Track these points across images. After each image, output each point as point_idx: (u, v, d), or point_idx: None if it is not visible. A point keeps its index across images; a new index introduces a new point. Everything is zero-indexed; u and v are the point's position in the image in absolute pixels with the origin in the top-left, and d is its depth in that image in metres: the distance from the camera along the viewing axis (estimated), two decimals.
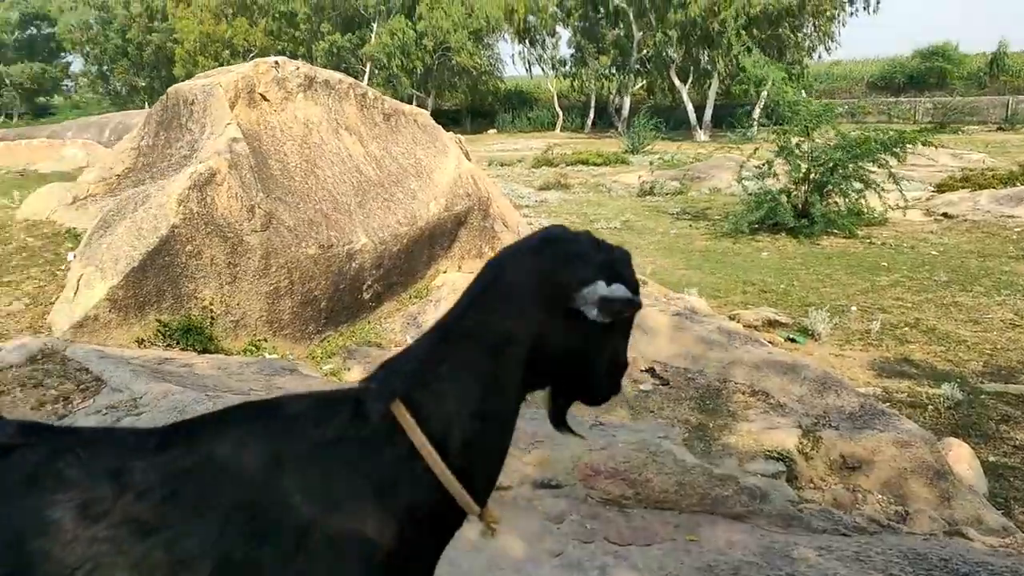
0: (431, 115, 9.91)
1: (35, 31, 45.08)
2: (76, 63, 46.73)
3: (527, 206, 16.43)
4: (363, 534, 1.18)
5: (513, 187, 18.55)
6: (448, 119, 40.74)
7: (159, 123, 8.63)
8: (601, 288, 1.31)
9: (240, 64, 8.38)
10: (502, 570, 2.91)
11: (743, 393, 6.20)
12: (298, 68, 8.53)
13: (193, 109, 8.11)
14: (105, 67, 43.32)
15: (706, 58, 35.87)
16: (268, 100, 8.13)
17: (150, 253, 6.20)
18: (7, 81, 40.13)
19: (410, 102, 39.34)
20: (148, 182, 7.63)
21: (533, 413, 4.61)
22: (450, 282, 9.12)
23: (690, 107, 35.50)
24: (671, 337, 7.07)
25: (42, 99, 42.24)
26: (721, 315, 8.43)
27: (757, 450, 5.31)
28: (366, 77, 39.32)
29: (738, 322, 8.24)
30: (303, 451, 1.20)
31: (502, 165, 24.56)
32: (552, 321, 1.31)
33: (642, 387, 6.48)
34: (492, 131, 40.94)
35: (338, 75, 9.13)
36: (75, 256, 6.87)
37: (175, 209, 6.39)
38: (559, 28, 40.76)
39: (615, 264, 1.39)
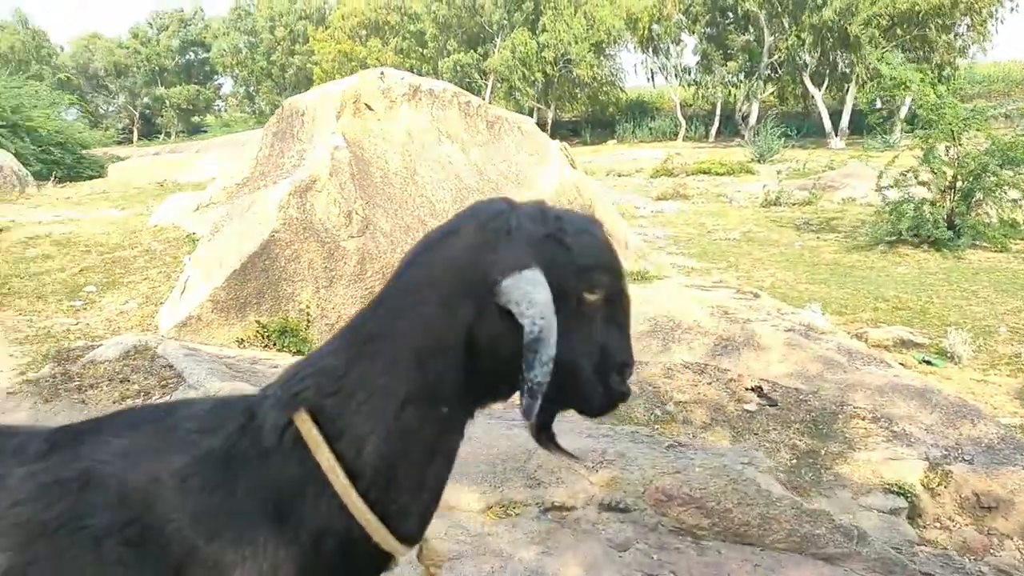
0: (550, 126, 9.83)
1: (193, 56, 49.66)
2: (226, 84, 51.01)
3: (642, 216, 15.96)
4: (256, 568, 0.99)
5: (628, 197, 18.10)
6: (568, 130, 40.71)
7: (275, 134, 9.01)
8: (520, 283, 1.04)
9: (350, 76, 8.60)
10: None
11: (862, 419, 5.57)
12: (403, 78, 8.65)
13: (304, 120, 8.40)
14: (251, 88, 46.78)
15: (844, 62, 33.76)
16: (372, 109, 8.28)
17: (251, 256, 6.41)
18: (167, 102, 44.38)
19: (530, 114, 39.73)
20: (259, 190, 7.94)
21: (607, 429, 4.30)
22: None
23: (824, 113, 33.47)
24: (783, 354, 6.51)
25: (196, 118, 46.28)
26: (845, 333, 7.68)
27: (875, 483, 4.74)
28: (488, 91, 40.08)
29: (865, 341, 7.50)
30: (188, 465, 1.02)
31: (619, 175, 24.11)
32: (487, 315, 1.06)
33: (747, 407, 5.98)
34: (612, 141, 40.51)
35: (442, 84, 9.19)
36: (189, 259, 7.23)
37: (276, 215, 6.58)
38: (684, 36, 39.78)
39: (564, 238, 1.11)
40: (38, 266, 7.32)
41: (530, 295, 1.04)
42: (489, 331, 1.07)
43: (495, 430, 3.99)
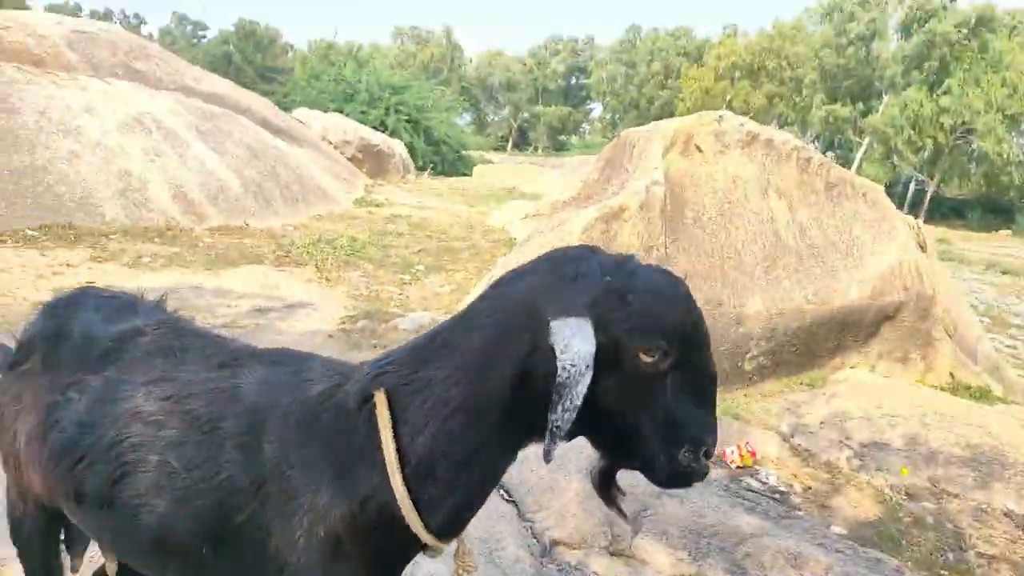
0: (928, 201, 8.80)
1: (574, 81, 54.32)
2: (596, 110, 54.73)
3: (1017, 326, 13.29)
4: (313, 503, 1.20)
5: (1007, 301, 15.29)
6: (949, 209, 35.58)
7: (607, 161, 9.50)
8: (564, 328, 1.07)
9: (689, 116, 8.69)
10: None
11: None
12: (742, 124, 8.46)
13: (633, 152, 8.71)
14: (618, 116, 49.53)
15: None
16: (701, 151, 8.25)
17: None
18: (541, 119, 49.25)
19: (907, 184, 35.42)
20: (575, 210, 8.44)
21: (847, 546, 3.75)
22: (856, 380, 7.99)
23: None
24: None
25: (563, 137, 50.55)
26: None
27: None
28: (861, 150, 36.89)
29: None
30: (294, 403, 1.27)
31: (1003, 272, 20.38)
32: (539, 352, 1.11)
33: None
34: (1006, 231, 34.20)
35: (783, 135, 8.78)
36: (502, 260, 7.99)
37: (577, 235, 6.96)
38: None
39: (627, 294, 1.10)
40: (390, 240, 8.76)
41: (568, 341, 1.07)
42: (538, 367, 1.11)
43: (712, 500, 3.77)
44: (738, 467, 6.21)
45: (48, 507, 1.57)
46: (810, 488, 6.01)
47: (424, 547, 1.26)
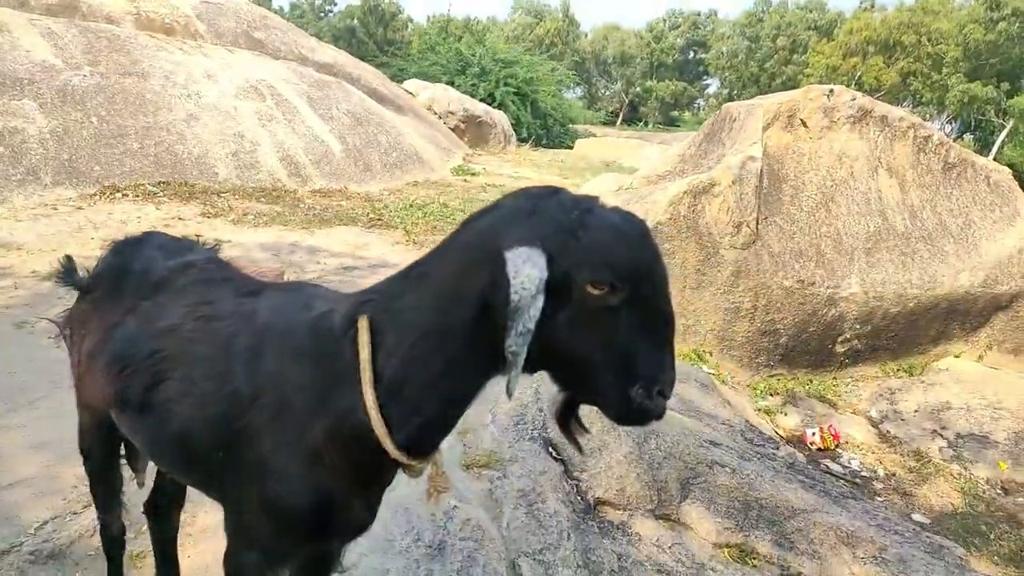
0: None
1: (691, 55, 52.49)
2: (712, 85, 52.72)
3: None
4: (300, 416, 1.33)
5: None
6: None
7: (706, 135, 9.20)
8: (516, 257, 1.10)
9: (794, 90, 8.28)
10: None
11: None
12: (854, 99, 7.98)
13: (733, 126, 8.39)
14: (735, 92, 47.53)
15: None
16: (807, 127, 7.86)
17: None
18: (654, 95, 47.96)
19: None
20: (667, 184, 8.26)
21: (900, 521, 3.56)
22: (959, 370, 7.50)
23: None
24: None
25: (675, 113, 49.06)
26: None
27: None
28: (1003, 133, 33.81)
29: None
30: (293, 323, 1.39)
31: None
32: (498, 284, 1.14)
33: None
34: None
35: (900, 112, 8.21)
36: None
37: (664, 208, 6.82)
38: None
39: (578, 229, 1.12)
40: (480, 208, 8.84)
41: (519, 267, 1.10)
42: (498, 299, 1.14)
43: (767, 474, 3.67)
44: (818, 449, 5.99)
45: (104, 419, 1.77)
46: (894, 475, 5.71)
47: (401, 467, 1.34)
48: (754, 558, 3.23)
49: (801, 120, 7.89)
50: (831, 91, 8.04)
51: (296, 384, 1.33)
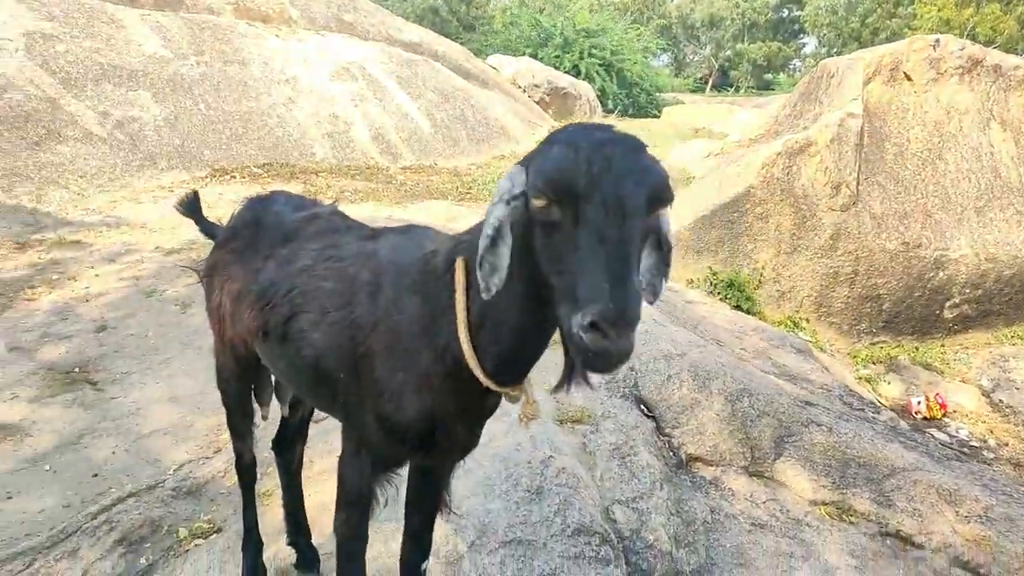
0: None
1: (786, 13, 49.90)
2: (809, 44, 50.08)
3: None
4: (410, 344, 1.49)
5: None
6: None
7: (801, 95, 8.86)
8: (502, 178, 1.21)
9: (896, 43, 7.85)
10: None
11: None
12: (962, 48, 7.51)
13: (831, 83, 8.05)
14: (835, 50, 44.97)
15: None
16: (911, 80, 7.46)
17: (721, 207, 6.68)
18: (746, 57, 45.97)
19: None
20: (760, 147, 8.03)
21: (1009, 482, 3.42)
22: None
23: None
24: None
25: (769, 75, 46.85)
26: None
27: None
28: None
29: None
30: (409, 262, 1.55)
31: None
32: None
33: None
34: None
35: (1015, 60, 7.65)
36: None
37: (757, 171, 6.66)
38: None
39: (544, 146, 1.19)
40: None
41: (500, 184, 1.21)
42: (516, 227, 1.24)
43: (866, 433, 3.60)
44: (924, 418, 5.78)
45: (241, 355, 1.98)
46: (1006, 445, 5.44)
47: (496, 393, 1.47)
48: (851, 515, 3.21)
49: (904, 73, 7.49)
50: (937, 41, 7.59)
51: (407, 316, 1.48)
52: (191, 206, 2.35)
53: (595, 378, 1.31)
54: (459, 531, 2.50)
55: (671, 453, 3.41)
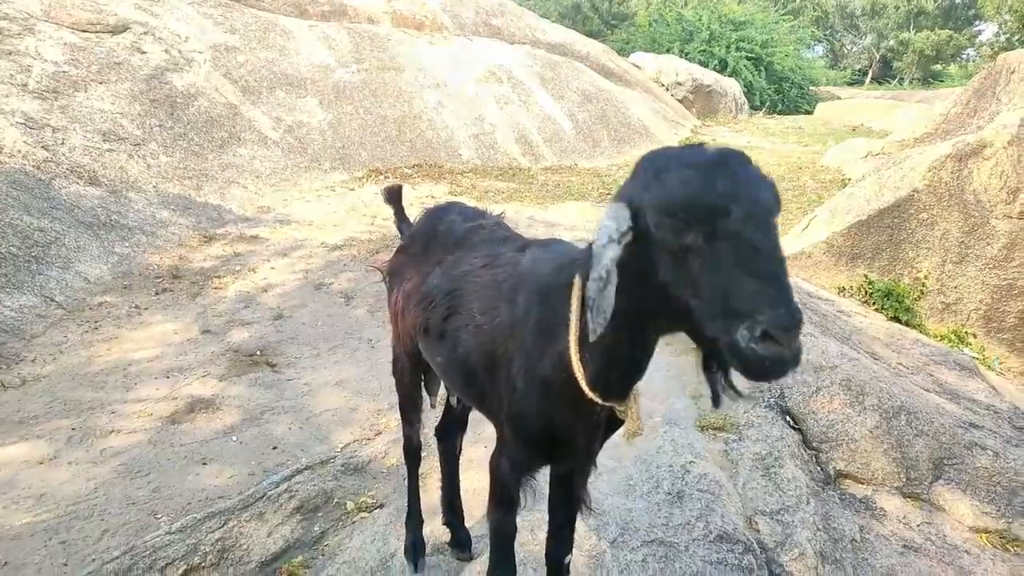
0: None
1: None
2: (986, 32, 45.46)
3: None
4: (534, 350, 1.62)
5: None
6: None
7: (975, 91, 8.19)
8: (604, 214, 1.24)
9: None
10: None
11: None
12: None
13: (1011, 79, 7.40)
14: (1017, 39, 40.58)
15: None
16: None
17: (881, 211, 6.32)
18: (911, 47, 42.37)
19: None
20: (927, 148, 7.50)
21: None
22: None
23: None
24: None
25: (938, 67, 43.03)
26: None
27: None
28: None
29: None
30: (546, 273, 1.67)
31: None
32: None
33: None
34: None
35: None
36: (830, 203, 7.51)
37: (923, 174, 6.24)
38: None
39: (661, 174, 1.20)
40: None
41: (602, 223, 1.22)
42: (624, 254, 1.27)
43: None
44: None
45: (413, 350, 2.20)
46: None
47: (610, 408, 1.56)
48: (1017, 545, 3.01)
49: None
50: None
51: (536, 324, 1.61)
52: (394, 197, 2.58)
53: (745, 389, 1.35)
54: (601, 528, 2.60)
55: (818, 468, 3.33)
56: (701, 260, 1.13)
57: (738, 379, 1.25)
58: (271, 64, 9.11)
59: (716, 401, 1.33)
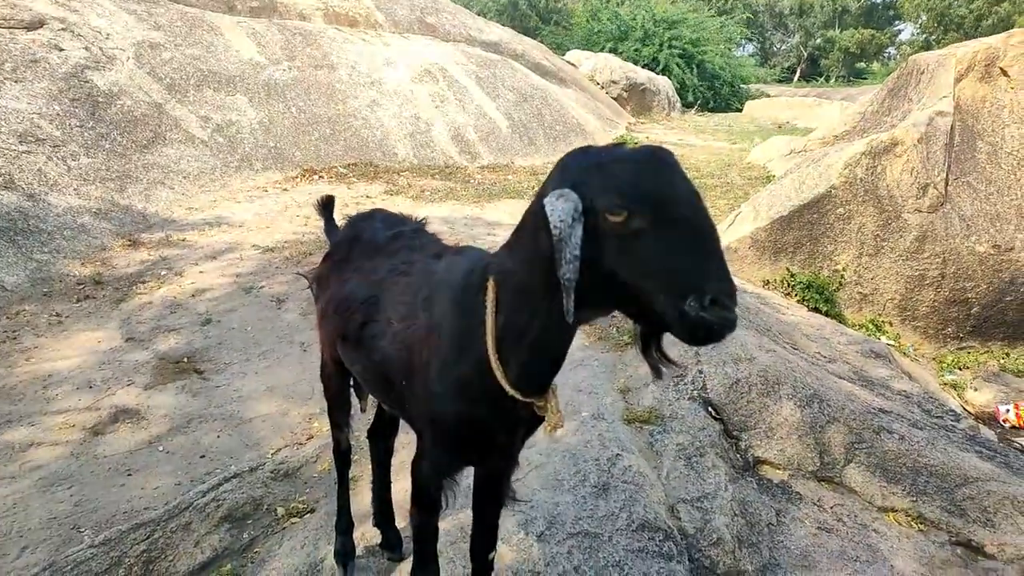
0: None
1: None
2: (906, 31, 47.61)
3: None
4: (453, 355, 1.65)
5: None
6: None
7: (889, 91, 8.60)
8: (551, 199, 1.29)
9: (994, 36, 7.52)
10: None
11: None
12: None
13: (921, 79, 7.79)
14: (933, 38, 42.65)
15: None
16: (1008, 76, 7.14)
17: (801, 207, 6.59)
18: (836, 45, 44.05)
19: None
20: (844, 145, 7.84)
21: None
22: None
23: None
24: None
25: (861, 64, 44.82)
26: None
27: None
28: None
29: None
30: (457, 278, 1.71)
31: None
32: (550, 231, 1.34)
33: None
34: None
35: None
36: (755, 198, 7.76)
37: (840, 171, 6.54)
38: None
39: (603, 166, 1.30)
40: None
41: (554, 206, 1.28)
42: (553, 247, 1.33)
43: (940, 443, 3.57)
44: (1012, 427, 5.58)
45: (336, 354, 2.22)
46: None
47: (522, 403, 1.61)
48: (921, 523, 3.21)
49: (1001, 69, 7.18)
50: None
51: (451, 329, 1.65)
52: (326, 207, 2.64)
53: (679, 359, 1.51)
54: (529, 522, 2.68)
55: (738, 456, 3.48)
56: (648, 243, 1.24)
57: (673, 351, 1.42)
58: (198, 61, 8.88)
59: (658, 373, 1.44)
